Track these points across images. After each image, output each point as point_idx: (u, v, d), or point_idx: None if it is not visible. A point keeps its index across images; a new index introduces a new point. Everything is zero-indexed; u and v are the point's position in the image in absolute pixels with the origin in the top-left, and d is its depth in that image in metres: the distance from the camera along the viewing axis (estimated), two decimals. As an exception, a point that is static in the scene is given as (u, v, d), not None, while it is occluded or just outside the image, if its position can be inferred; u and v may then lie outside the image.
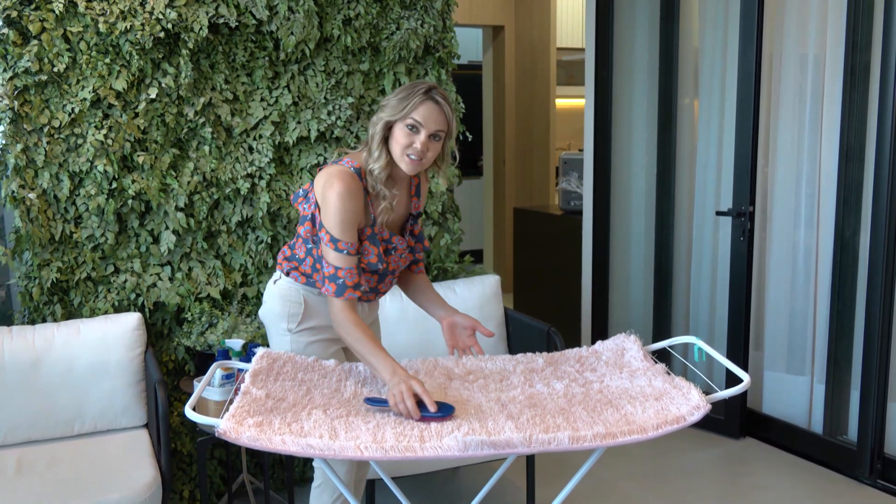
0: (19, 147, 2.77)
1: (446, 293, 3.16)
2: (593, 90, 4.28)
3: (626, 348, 2.20)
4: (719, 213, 3.81)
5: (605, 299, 4.43)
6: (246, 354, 2.80)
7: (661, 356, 2.23)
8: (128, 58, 2.85)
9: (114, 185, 2.89)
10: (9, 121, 2.75)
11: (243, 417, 1.76)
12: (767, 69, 3.63)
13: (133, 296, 2.96)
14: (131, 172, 2.92)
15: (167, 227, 2.98)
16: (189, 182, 2.98)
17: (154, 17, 2.84)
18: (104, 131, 2.84)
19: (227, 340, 2.87)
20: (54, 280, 2.86)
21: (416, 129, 2.05)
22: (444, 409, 1.83)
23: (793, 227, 3.65)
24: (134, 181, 2.90)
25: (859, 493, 3.27)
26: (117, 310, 2.95)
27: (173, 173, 2.97)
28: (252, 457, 3.16)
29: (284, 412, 1.81)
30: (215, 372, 2.59)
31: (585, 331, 4.45)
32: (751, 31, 3.52)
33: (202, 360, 2.93)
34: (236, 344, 2.85)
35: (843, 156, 3.38)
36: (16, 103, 2.74)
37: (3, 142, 2.78)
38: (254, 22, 3.01)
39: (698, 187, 3.98)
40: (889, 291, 3.18)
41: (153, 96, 2.89)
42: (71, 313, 2.93)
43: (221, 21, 2.96)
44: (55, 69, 2.78)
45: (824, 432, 3.55)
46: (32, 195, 2.79)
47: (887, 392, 3.26)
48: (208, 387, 2.66)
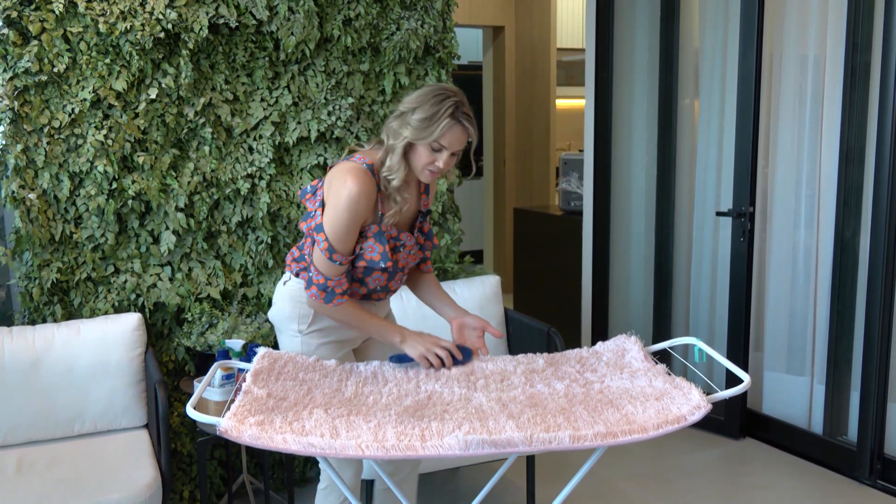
0: (19, 147, 2.77)
1: (446, 293, 3.16)
2: (593, 91, 4.28)
3: (627, 349, 2.20)
4: (719, 214, 3.81)
5: (605, 300, 4.43)
6: (246, 355, 2.80)
7: (662, 357, 2.23)
8: (128, 58, 2.85)
9: (114, 185, 2.89)
10: (9, 121, 2.75)
11: (245, 416, 1.76)
12: (767, 70, 3.63)
13: (133, 296, 2.96)
14: (131, 173, 2.92)
15: (167, 228, 2.98)
16: (189, 182, 2.98)
17: (154, 18, 2.84)
18: (104, 132, 2.84)
19: (227, 341, 2.87)
20: (54, 280, 2.86)
21: (439, 150, 2.06)
22: (466, 354, 2.14)
23: (793, 228, 3.66)
24: (134, 181, 2.90)
25: (859, 494, 3.27)
26: (117, 310, 2.95)
27: (173, 173, 2.97)
28: (252, 457, 3.16)
29: (286, 411, 1.81)
30: (216, 372, 2.59)
31: (585, 331, 4.45)
32: (751, 31, 3.52)
33: (202, 360, 2.93)
34: (236, 344, 2.85)
35: (843, 157, 3.38)
36: (16, 103, 2.74)
37: (4, 142, 2.78)
38: (254, 22, 3.02)
39: (698, 188, 3.98)
40: (889, 292, 3.18)
41: (153, 96, 2.89)
42: (71, 314, 2.93)
43: (221, 21, 2.96)
44: (55, 69, 2.78)
45: (824, 433, 3.55)
46: (32, 195, 2.79)
47: (887, 393, 3.26)
48: (208, 387, 2.66)
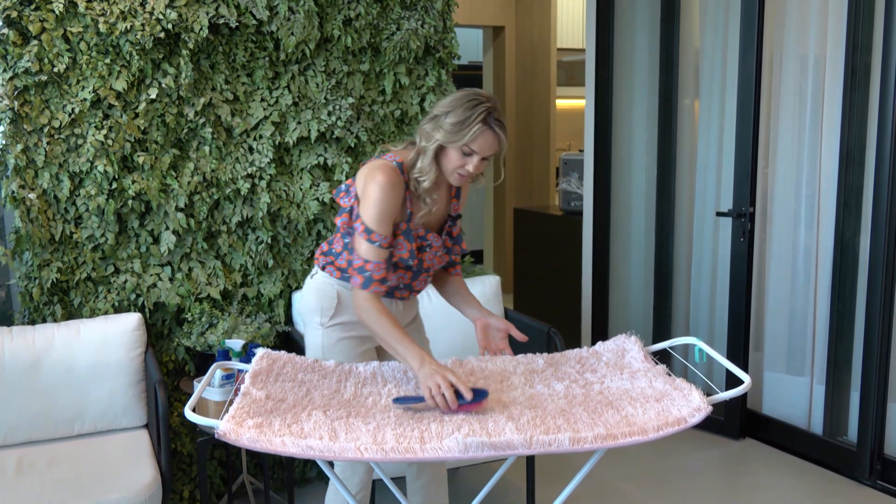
0: (19, 147, 2.77)
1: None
2: (593, 91, 4.28)
3: (627, 349, 2.19)
4: (719, 214, 3.81)
5: (605, 300, 4.42)
6: (246, 355, 2.80)
7: (662, 357, 2.23)
8: (128, 58, 2.85)
9: (114, 185, 2.88)
10: (9, 121, 2.75)
11: (243, 419, 1.76)
12: (768, 70, 3.63)
13: (133, 296, 2.96)
14: (131, 173, 2.92)
15: (167, 228, 2.98)
16: (189, 182, 2.98)
17: (154, 18, 2.84)
18: (104, 131, 2.84)
19: (227, 341, 2.87)
20: (54, 280, 2.86)
21: (470, 154, 2.07)
22: (478, 395, 1.85)
23: (793, 229, 3.65)
24: (134, 181, 2.90)
25: (859, 494, 3.27)
26: (117, 310, 2.95)
27: (173, 173, 2.97)
28: (252, 457, 3.16)
29: (284, 413, 1.81)
30: (215, 372, 2.59)
31: (585, 331, 4.45)
32: (751, 32, 3.52)
33: (202, 360, 2.93)
34: (236, 344, 2.85)
35: (843, 157, 3.38)
36: (16, 103, 2.74)
37: (4, 142, 2.78)
38: (254, 22, 3.01)
39: (698, 188, 3.98)
40: (889, 293, 3.18)
41: (153, 96, 2.89)
42: (71, 313, 2.93)
43: (222, 21, 2.96)
44: (55, 69, 2.77)
45: (824, 433, 3.55)
46: (32, 195, 2.79)
47: (887, 393, 3.26)
48: (208, 387, 2.66)
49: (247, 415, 1.77)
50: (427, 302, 3.10)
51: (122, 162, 2.90)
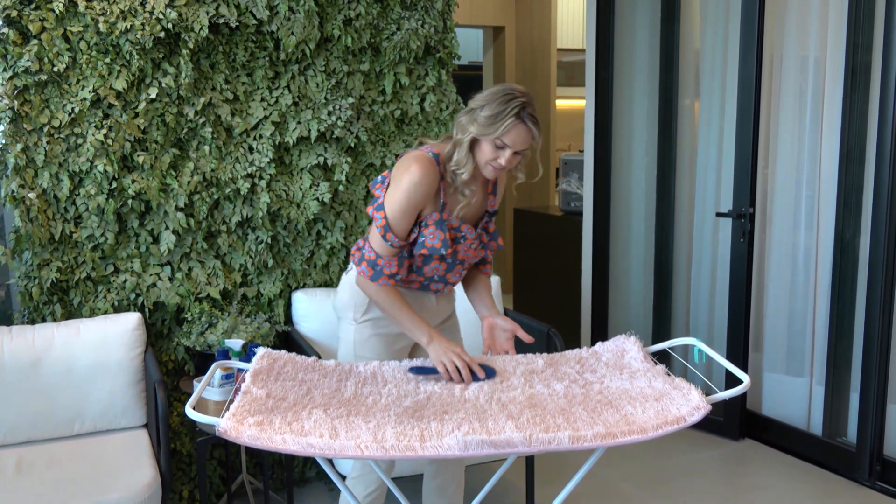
0: (19, 147, 2.77)
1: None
2: (594, 91, 4.28)
3: (627, 349, 2.19)
4: (719, 215, 3.81)
5: (605, 300, 4.43)
6: (245, 354, 2.80)
7: (661, 357, 2.23)
8: (128, 57, 2.85)
9: (114, 184, 2.88)
10: (9, 120, 2.75)
11: (244, 416, 1.76)
12: (768, 71, 3.63)
13: (133, 296, 2.96)
14: (131, 172, 2.92)
15: (167, 227, 2.98)
16: (189, 182, 2.98)
17: (154, 17, 2.84)
18: (104, 131, 2.84)
19: (226, 340, 2.87)
20: (54, 280, 2.86)
21: (502, 147, 2.09)
22: (488, 373, 2.03)
23: (793, 229, 3.66)
24: (134, 181, 2.90)
25: (858, 495, 3.27)
26: (117, 310, 2.95)
27: (173, 173, 2.97)
28: (251, 457, 3.16)
29: (285, 411, 1.81)
30: (215, 372, 2.59)
31: (585, 332, 4.45)
32: (751, 32, 3.52)
33: (202, 360, 2.93)
34: (236, 344, 2.85)
35: (843, 157, 3.38)
36: (16, 103, 2.74)
37: (3, 141, 2.78)
38: (254, 22, 3.01)
39: (698, 189, 3.98)
40: (889, 293, 3.18)
41: (153, 96, 2.89)
42: (71, 313, 2.93)
43: (222, 21, 2.96)
44: (55, 69, 2.78)
45: (823, 434, 3.55)
46: (32, 195, 2.79)
47: (886, 394, 3.26)
48: (208, 387, 2.66)
49: (247, 413, 1.78)
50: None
51: (121, 161, 2.90)
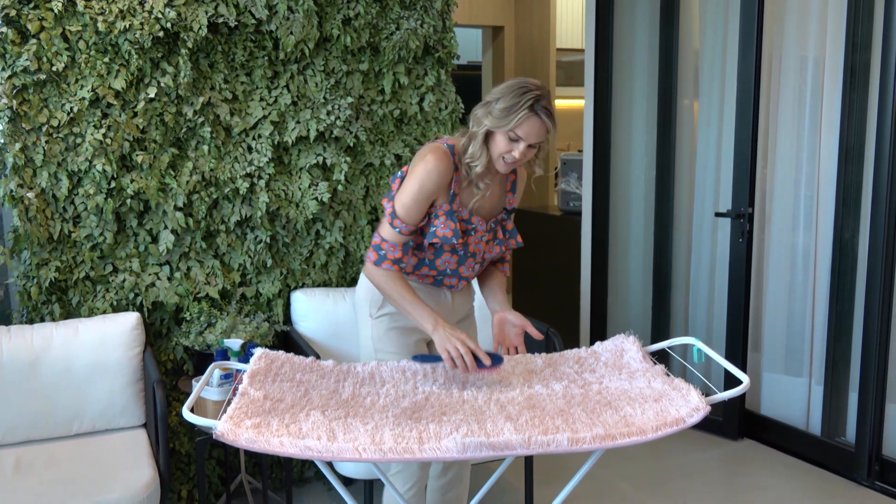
0: (18, 146, 2.76)
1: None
2: (593, 91, 4.28)
3: (626, 349, 2.19)
4: (718, 215, 3.81)
5: (604, 300, 4.42)
6: (244, 354, 2.80)
7: (660, 357, 2.23)
8: (127, 57, 2.84)
9: (112, 184, 2.88)
10: (7, 120, 2.74)
11: (241, 419, 1.75)
12: (767, 71, 3.63)
13: (132, 295, 2.96)
14: (130, 172, 2.92)
15: (166, 227, 2.98)
16: (188, 182, 2.97)
17: (153, 17, 2.83)
18: (103, 130, 2.84)
19: (225, 340, 2.87)
20: (53, 279, 2.86)
21: (516, 140, 2.09)
22: (495, 361, 2.00)
23: (792, 229, 3.65)
24: (133, 180, 2.89)
25: (857, 495, 3.27)
26: (116, 309, 2.95)
27: (172, 173, 2.97)
28: (250, 457, 3.16)
29: (282, 413, 1.81)
30: (213, 372, 2.59)
31: (584, 331, 4.45)
32: (751, 32, 3.52)
33: (201, 359, 2.93)
34: (235, 344, 2.85)
35: (842, 157, 3.38)
36: (14, 102, 2.74)
37: (2, 141, 2.77)
38: (253, 21, 3.01)
39: (697, 188, 3.98)
40: (888, 293, 3.18)
41: (152, 96, 2.88)
42: (69, 313, 2.92)
43: (221, 20, 2.95)
44: (54, 68, 2.77)
45: (822, 434, 3.55)
46: (31, 194, 2.79)
47: (885, 394, 3.26)
48: (207, 387, 2.66)
49: (245, 415, 1.77)
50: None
51: (120, 161, 2.90)
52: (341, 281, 3.33)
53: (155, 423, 2.59)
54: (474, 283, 2.52)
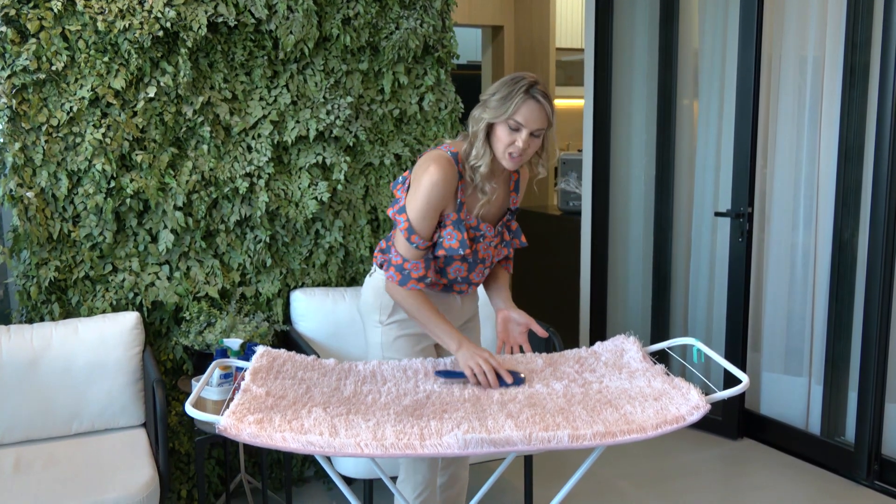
0: (17, 146, 2.76)
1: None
2: (592, 91, 4.28)
3: (626, 349, 2.20)
4: (718, 214, 3.81)
5: (604, 300, 4.43)
6: (244, 354, 2.80)
7: (660, 357, 2.23)
8: (126, 56, 2.84)
9: (112, 184, 2.88)
10: (7, 119, 2.74)
11: (244, 414, 1.75)
12: (767, 70, 3.63)
13: (131, 295, 2.96)
14: (130, 171, 2.92)
15: (165, 227, 2.98)
16: (187, 181, 2.97)
17: (153, 16, 2.83)
18: (102, 130, 2.84)
19: (225, 340, 2.86)
20: (52, 279, 2.85)
21: (517, 129, 2.06)
22: (517, 381, 2.02)
23: (791, 229, 3.66)
24: (132, 180, 2.89)
25: (857, 495, 3.27)
26: (115, 309, 2.95)
27: (172, 172, 2.97)
28: (250, 456, 3.15)
29: (284, 410, 1.81)
30: (214, 371, 2.58)
31: (584, 331, 4.45)
32: (750, 32, 3.52)
33: (200, 359, 2.93)
34: (234, 343, 2.85)
35: (841, 157, 3.38)
36: (14, 102, 2.74)
37: (2, 140, 2.77)
38: (253, 21, 3.01)
39: (697, 188, 3.99)
40: (887, 293, 3.18)
41: (152, 95, 2.88)
42: (69, 312, 2.92)
43: (220, 20, 2.95)
44: (53, 68, 2.77)
45: (822, 433, 3.55)
46: (30, 194, 2.79)
47: (885, 393, 3.26)
48: (207, 386, 2.66)
49: (247, 411, 1.77)
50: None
51: (120, 161, 2.90)
52: (341, 280, 3.33)
53: (154, 422, 2.59)
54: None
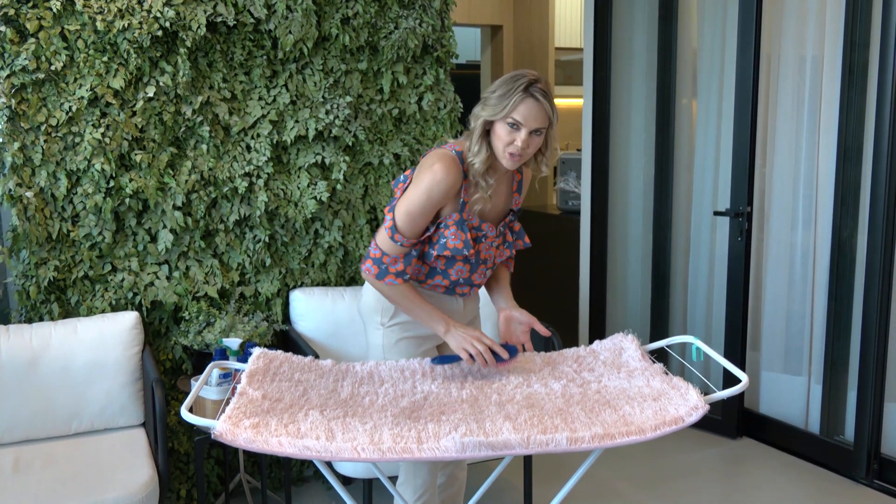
0: (16, 145, 2.76)
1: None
2: (591, 90, 4.28)
3: (624, 348, 2.19)
4: (717, 214, 3.81)
5: (603, 299, 4.43)
6: (243, 353, 2.80)
7: (659, 356, 2.23)
8: (125, 56, 2.84)
9: (111, 183, 2.88)
10: (6, 119, 2.74)
11: (240, 419, 1.75)
12: (766, 70, 3.63)
13: (130, 294, 2.96)
14: (129, 171, 2.92)
15: (165, 226, 2.98)
16: (187, 181, 2.97)
17: (152, 16, 2.83)
18: (102, 130, 2.84)
19: (224, 339, 2.86)
20: (51, 279, 2.85)
21: (516, 127, 2.04)
22: (511, 353, 2.03)
23: (790, 228, 3.66)
24: (131, 180, 2.89)
25: (856, 494, 3.28)
26: (115, 309, 2.95)
27: (171, 172, 2.97)
28: (249, 456, 3.16)
29: (281, 413, 1.81)
30: (212, 371, 2.58)
31: (583, 330, 4.45)
32: (749, 31, 3.52)
33: (200, 359, 2.93)
34: (234, 343, 2.85)
35: (840, 156, 3.38)
36: (13, 101, 2.73)
37: (1, 140, 2.77)
38: (252, 21, 3.01)
39: (696, 187, 3.98)
40: (886, 292, 3.18)
41: (151, 95, 2.88)
42: (68, 312, 2.92)
43: (219, 20, 2.95)
44: (53, 67, 2.77)
45: (821, 432, 3.55)
46: (30, 193, 2.79)
47: (884, 392, 3.26)
48: (205, 386, 2.66)
49: (243, 415, 1.77)
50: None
51: (119, 160, 2.90)
52: (340, 280, 3.32)
53: (154, 422, 2.59)
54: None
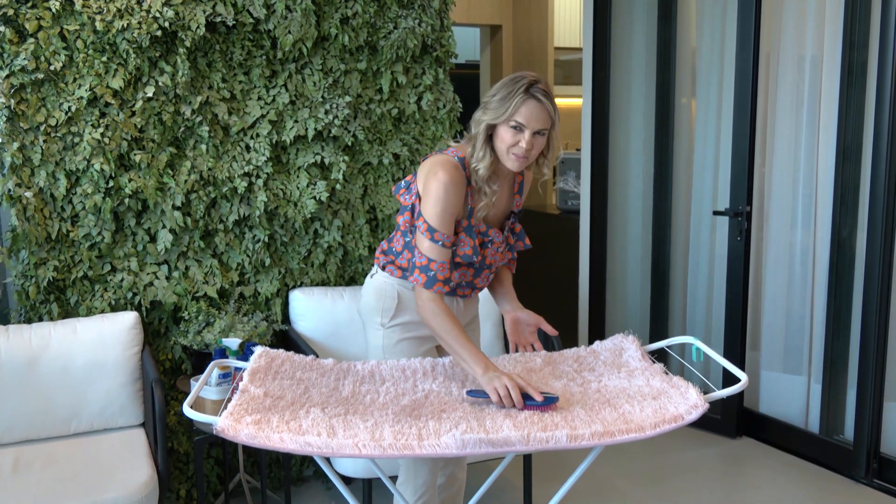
0: (16, 145, 2.76)
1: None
2: (591, 90, 4.28)
3: (625, 348, 2.20)
4: (716, 213, 3.81)
5: (603, 299, 4.43)
6: (243, 353, 2.80)
7: (659, 356, 2.23)
8: (125, 56, 2.84)
9: (110, 183, 2.88)
10: (5, 119, 2.74)
11: (241, 415, 1.75)
12: (765, 69, 3.63)
13: (130, 295, 2.96)
14: (128, 171, 2.92)
15: (164, 226, 2.98)
16: (186, 181, 2.97)
17: (151, 16, 2.83)
18: (101, 130, 2.84)
19: (224, 339, 2.86)
20: (51, 279, 2.85)
21: (520, 129, 2.03)
22: (548, 400, 1.87)
23: (790, 227, 3.66)
24: (131, 180, 2.89)
25: (855, 493, 3.28)
26: (114, 309, 2.95)
27: (170, 172, 2.97)
28: (249, 456, 3.15)
29: (282, 410, 1.81)
30: (212, 371, 2.58)
31: (583, 330, 4.46)
32: (748, 31, 3.52)
33: (199, 359, 2.93)
34: (233, 343, 2.85)
35: (840, 155, 3.38)
36: (12, 101, 2.73)
37: (0, 140, 2.77)
38: (251, 20, 3.01)
39: (695, 187, 3.99)
40: (886, 291, 3.18)
41: (150, 95, 2.88)
42: (68, 312, 2.92)
43: (219, 20, 2.95)
44: (52, 67, 2.77)
45: (821, 432, 3.56)
46: (29, 194, 2.78)
47: (884, 392, 3.26)
48: (205, 386, 2.66)
49: (245, 411, 1.77)
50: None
51: (118, 160, 2.90)
52: (339, 280, 3.32)
53: (153, 422, 2.59)
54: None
